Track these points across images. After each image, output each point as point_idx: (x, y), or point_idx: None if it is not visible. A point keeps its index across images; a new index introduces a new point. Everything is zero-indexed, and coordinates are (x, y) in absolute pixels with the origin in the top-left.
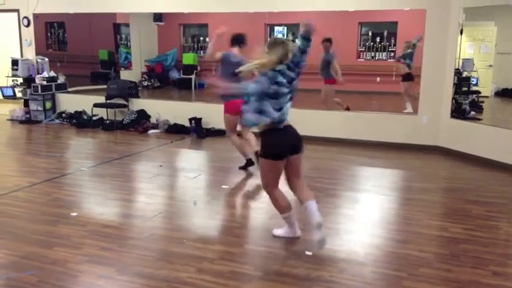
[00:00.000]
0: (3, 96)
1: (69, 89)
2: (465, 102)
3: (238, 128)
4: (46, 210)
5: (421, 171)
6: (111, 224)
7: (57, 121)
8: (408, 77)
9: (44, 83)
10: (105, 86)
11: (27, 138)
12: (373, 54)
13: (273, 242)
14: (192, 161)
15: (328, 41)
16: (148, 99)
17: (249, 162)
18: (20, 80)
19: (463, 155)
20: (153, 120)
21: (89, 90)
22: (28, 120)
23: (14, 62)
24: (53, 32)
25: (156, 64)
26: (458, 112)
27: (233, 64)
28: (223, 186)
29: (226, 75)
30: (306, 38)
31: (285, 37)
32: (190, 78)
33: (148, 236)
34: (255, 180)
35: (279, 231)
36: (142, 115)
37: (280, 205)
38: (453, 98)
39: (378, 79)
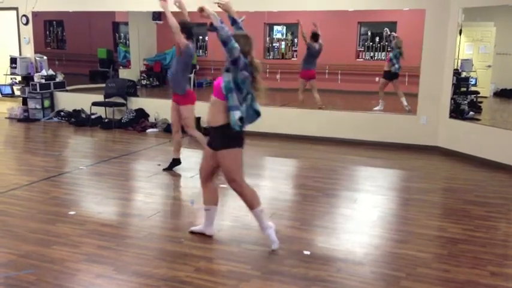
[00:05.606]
0: (2, 94)
1: (68, 88)
2: (464, 102)
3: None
4: (44, 208)
5: (420, 171)
6: (109, 222)
7: (55, 119)
8: (395, 76)
9: (43, 81)
10: (103, 85)
11: (25, 137)
12: (372, 54)
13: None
14: (190, 160)
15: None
16: (147, 98)
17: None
18: (19, 78)
19: (462, 156)
20: (151, 119)
21: (87, 88)
22: (26, 119)
23: (13, 60)
24: (51, 30)
25: (154, 63)
26: (457, 112)
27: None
28: (221, 186)
29: (186, 67)
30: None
31: (284, 36)
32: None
33: (147, 235)
34: (253, 180)
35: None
36: (141, 114)
37: (255, 197)
38: (452, 98)
39: (377, 79)
